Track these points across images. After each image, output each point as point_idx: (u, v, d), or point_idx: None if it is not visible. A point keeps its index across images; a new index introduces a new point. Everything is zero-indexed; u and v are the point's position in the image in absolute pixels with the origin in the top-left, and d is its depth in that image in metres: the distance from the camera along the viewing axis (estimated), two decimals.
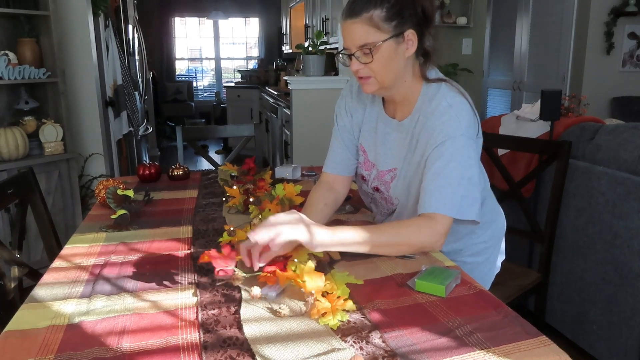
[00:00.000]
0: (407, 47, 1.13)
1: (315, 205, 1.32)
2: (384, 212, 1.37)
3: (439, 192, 1.10)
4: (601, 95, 4.22)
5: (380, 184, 1.31)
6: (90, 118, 3.24)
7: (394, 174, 1.27)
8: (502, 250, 1.49)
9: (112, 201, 1.51)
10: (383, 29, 1.09)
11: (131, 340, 0.86)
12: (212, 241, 1.32)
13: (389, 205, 1.33)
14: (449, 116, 1.13)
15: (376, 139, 1.30)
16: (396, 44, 1.11)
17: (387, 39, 1.10)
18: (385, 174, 1.29)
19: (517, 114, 2.54)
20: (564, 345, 0.84)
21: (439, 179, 1.10)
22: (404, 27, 1.10)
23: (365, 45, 1.10)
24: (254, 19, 8.66)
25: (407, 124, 1.22)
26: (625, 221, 1.83)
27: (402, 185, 1.25)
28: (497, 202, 1.46)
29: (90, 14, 3.14)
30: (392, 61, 1.13)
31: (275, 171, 1.99)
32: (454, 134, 1.12)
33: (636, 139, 1.89)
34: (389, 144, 1.27)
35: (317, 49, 3.48)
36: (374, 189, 1.34)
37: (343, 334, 0.87)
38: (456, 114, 1.13)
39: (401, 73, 1.16)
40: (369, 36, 1.09)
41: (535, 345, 0.84)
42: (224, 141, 7.04)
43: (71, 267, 1.17)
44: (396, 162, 1.26)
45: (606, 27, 4.12)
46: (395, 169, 1.26)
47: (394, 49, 1.12)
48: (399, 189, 1.26)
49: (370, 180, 1.35)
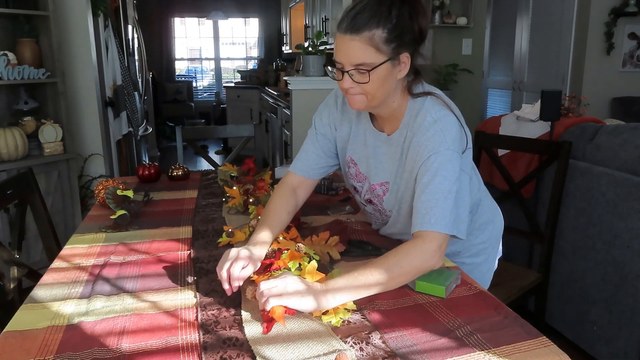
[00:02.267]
0: (401, 69, 1.11)
1: (279, 215, 1.26)
2: (379, 222, 1.36)
3: (425, 209, 1.08)
4: (601, 95, 4.21)
5: (373, 197, 1.30)
6: (89, 118, 3.24)
7: (386, 187, 1.25)
8: (499, 249, 1.49)
9: (112, 201, 1.51)
10: (382, 50, 1.06)
11: (131, 341, 0.86)
12: (211, 242, 1.31)
13: (383, 217, 1.32)
14: (433, 131, 1.12)
15: (367, 152, 1.28)
16: (392, 66, 1.09)
17: (385, 62, 1.07)
18: (377, 187, 1.28)
19: (517, 114, 2.54)
20: (564, 346, 0.84)
21: (424, 195, 1.09)
22: (400, 49, 1.08)
23: (362, 64, 1.07)
24: (253, 19, 8.66)
25: (396, 138, 1.21)
26: (625, 221, 1.83)
27: (395, 199, 1.24)
28: (494, 202, 1.45)
29: (89, 14, 3.14)
30: (386, 82, 1.11)
31: (275, 171, 1.99)
32: (438, 148, 1.10)
33: (636, 140, 1.89)
34: (380, 157, 1.25)
35: (317, 49, 3.47)
36: (367, 201, 1.33)
37: (343, 335, 0.87)
38: (441, 128, 1.12)
39: (392, 93, 1.15)
40: (367, 56, 1.06)
41: (535, 345, 0.84)
42: (224, 141, 7.03)
43: (71, 267, 1.17)
44: (388, 176, 1.24)
45: (606, 27, 4.12)
46: (388, 182, 1.25)
47: (389, 71, 1.09)
48: (392, 202, 1.25)
49: (362, 193, 1.33)
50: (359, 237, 1.34)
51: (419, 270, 1.05)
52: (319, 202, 1.68)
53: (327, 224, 1.42)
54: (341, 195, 1.78)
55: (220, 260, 1.05)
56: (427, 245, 1.05)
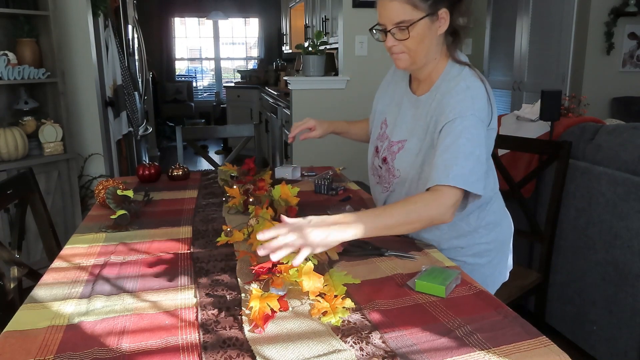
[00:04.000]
0: (440, 25, 1.20)
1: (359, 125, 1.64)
2: (385, 187, 1.39)
3: (446, 165, 1.11)
4: (601, 95, 4.21)
5: (389, 154, 1.36)
6: (90, 118, 3.24)
7: (402, 145, 1.31)
8: (509, 260, 1.47)
9: (112, 201, 1.51)
10: (419, 7, 1.15)
11: (131, 341, 0.86)
12: (211, 241, 1.31)
13: (390, 177, 1.36)
14: (463, 96, 1.18)
15: (398, 114, 1.36)
16: (430, 22, 1.18)
17: (423, 17, 1.16)
18: (395, 144, 1.34)
19: (517, 114, 2.54)
20: (564, 346, 0.84)
21: (446, 153, 1.13)
22: (438, 5, 1.17)
23: (402, 22, 1.16)
24: (253, 19, 8.66)
25: (424, 100, 1.28)
26: (625, 221, 1.83)
27: (406, 158, 1.29)
28: (505, 207, 1.46)
29: (89, 14, 3.14)
30: (426, 38, 1.19)
31: (275, 171, 1.99)
32: (465, 113, 1.15)
33: (636, 139, 1.89)
34: (406, 118, 1.34)
35: (317, 49, 3.48)
36: (383, 160, 1.38)
37: (343, 335, 0.87)
38: (471, 95, 1.18)
39: (432, 51, 1.23)
40: (406, 14, 1.15)
41: (536, 345, 0.84)
42: (224, 141, 7.03)
43: (71, 267, 1.17)
44: (407, 135, 1.31)
45: (606, 27, 4.12)
46: (405, 140, 1.31)
47: (428, 26, 1.18)
48: (403, 161, 1.30)
49: (381, 152, 1.40)
50: None
51: (432, 221, 1.11)
52: (319, 202, 1.68)
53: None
54: (341, 195, 1.78)
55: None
56: (444, 199, 1.09)
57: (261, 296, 0.94)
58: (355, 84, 3.55)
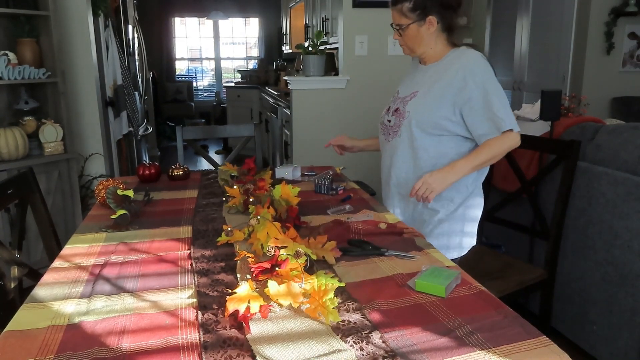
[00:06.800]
0: (429, 27, 1.56)
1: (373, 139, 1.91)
2: (394, 133, 1.65)
3: (492, 119, 1.49)
4: (601, 95, 4.21)
5: (401, 105, 1.65)
6: (90, 118, 3.24)
7: (415, 94, 1.62)
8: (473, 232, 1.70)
9: (112, 201, 1.51)
10: (409, 16, 1.56)
11: (131, 341, 0.86)
12: (211, 241, 1.31)
13: (400, 121, 1.63)
14: (477, 61, 1.53)
15: (410, 83, 1.69)
16: (419, 26, 1.56)
17: (412, 23, 1.56)
18: (407, 97, 1.64)
19: (518, 114, 2.54)
20: (564, 346, 0.84)
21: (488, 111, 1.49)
22: (425, 14, 1.54)
23: (398, 25, 1.59)
24: (254, 19, 8.65)
25: (432, 66, 1.63)
26: (625, 221, 1.83)
27: (417, 102, 1.60)
28: (481, 189, 1.70)
29: (90, 14, 3.14)
30: (416, 37, 1.59)
31: (275, 171, 1.99)
32: (484, 70, 1.51)
33: (636, 139, 1.89)
34: (415, 79, 1.68)
35: (317, 49, 3.47)
36: (395, 111, 1.66)
37: (343, 335, 0.87)
38: (483, 62, 1.53)
39: (425, 43, 1.60)
40: (400, 19, 1.58)
41: (536, 345, 0.84)
42: (224, 141, 7.03)
43: (71, 267, 1.17)
44: (418, 88, 1.63)
45: (606, 27, 4.12)
46: (417, 91, 1.62)
47: (416, 29, 1.57)
48: (413, 104, 1.60)
49: (392, 108, 1.68)
50: (359, 237, 1.34)
51: (508, 150, 1.52)
52: (319, 202, 1.68)
53: (326, 223, 1.42)
54: (341, 195, 1.78)
55: None
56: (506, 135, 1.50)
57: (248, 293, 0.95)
58: (355, 84, 3.54)
